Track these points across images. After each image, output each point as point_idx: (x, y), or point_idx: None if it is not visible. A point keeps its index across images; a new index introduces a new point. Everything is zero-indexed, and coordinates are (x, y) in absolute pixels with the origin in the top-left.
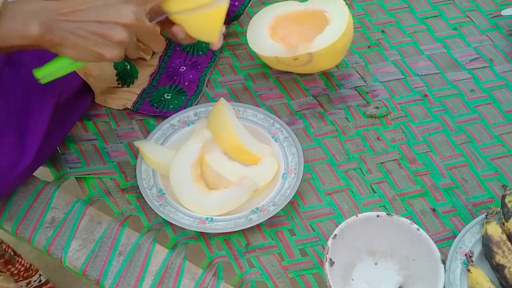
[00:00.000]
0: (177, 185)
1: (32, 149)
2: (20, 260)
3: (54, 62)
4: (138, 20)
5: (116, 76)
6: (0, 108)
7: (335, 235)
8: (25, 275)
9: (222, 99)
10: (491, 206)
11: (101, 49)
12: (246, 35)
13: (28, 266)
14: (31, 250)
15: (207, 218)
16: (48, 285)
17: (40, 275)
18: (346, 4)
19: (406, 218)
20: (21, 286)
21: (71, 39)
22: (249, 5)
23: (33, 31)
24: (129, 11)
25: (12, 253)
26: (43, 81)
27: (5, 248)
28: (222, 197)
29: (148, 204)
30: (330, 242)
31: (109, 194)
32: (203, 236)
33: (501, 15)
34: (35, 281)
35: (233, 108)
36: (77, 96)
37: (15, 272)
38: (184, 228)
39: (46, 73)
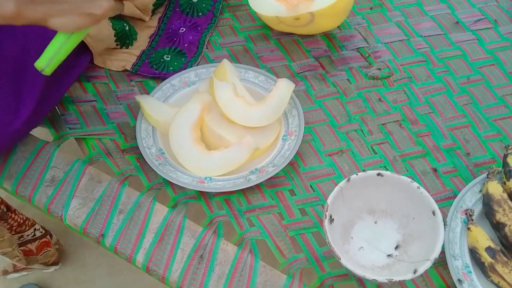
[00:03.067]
0: (177, 146)
1: (28, 106)
2: (13, 216)
3: (50, 46)
4: None
5: (115, 36)
6: None
7: (335, 192)
8: (18, 229)
9: (225, 60)
10: (493, 166)
11: (90, 7)
12: None
13: (21, 221)
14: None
15: (206, 178)
16: (44, 240)
17: (35, 229)
18: None
19: (407, 177)
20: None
21: (56, 7)
22: None
23: (8, 10)
24: None
25: (5, 209)
26: (47, 71)
27: None
28: (221, 157)
29: (148, 165)
30: (330, 199)
31: (109, 155)
32: (203, 195)
33: None
34: (28, 235)
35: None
36: (75, 55)
37: (8, 227)
38: (184, 188)
39: (46, 60)
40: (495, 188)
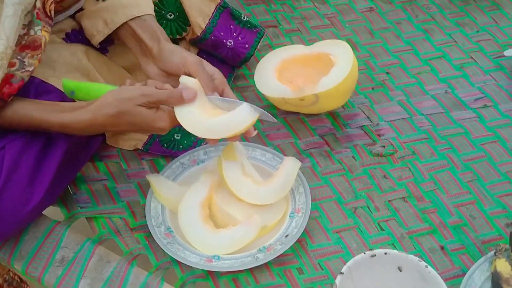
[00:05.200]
0: (186, 225)
1: (42, 188)
2: (25, 287)
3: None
4: (171, 122)
5: None
6: (15, 149)
7: (343, 272)
8: None
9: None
10: (500, 243)
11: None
12: (253, 78)
13: None
14: None
15: (214, 257)
16: None
17: None
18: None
19: (415, 256)
20: None
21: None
22: (257, 48)
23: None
24: (163, 121)
25: (19, 280)
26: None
27: (12, 276)
28: (229, 235)
29: (156, 243)
30: (338, 279)
31: (118, 234)
32: (211, 275)
33: (504, 56)
34: None
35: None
36: (88, 137)
37: None
38: (192, 267)
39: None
40: (503, 266)
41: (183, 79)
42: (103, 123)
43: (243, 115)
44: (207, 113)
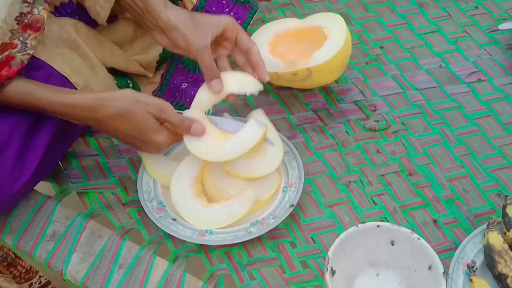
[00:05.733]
0: (178, 199)
1: (32, 164)
2: (21, 263)
3: None
4: (170, 141)
5: None
6: (5, 125)
7: (336, 245)
8: (26, 276)
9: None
10: (492, 216)
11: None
12: None
13: (28, 268)
14: None
15: (206, 231)
16: (50, 286)
17: (40, 276)
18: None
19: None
20: None
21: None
22: (251, 24)
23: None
24: (162, 137)
25: (13, 256)
26: None
27: (6, 251)
28: (222, 209)
29: (148, 218)
30: (331, 252)
31: (110, 208)
32: (203, 249)
33: (499, 29)
34: (35, 282)
35: None
36: None
37: (17, 274)
38: (184, 241)
39: None
40: (495, 239)
41: (186, 113)
42: (103, 116)
43: (252, 133)
44: (216, 138)
